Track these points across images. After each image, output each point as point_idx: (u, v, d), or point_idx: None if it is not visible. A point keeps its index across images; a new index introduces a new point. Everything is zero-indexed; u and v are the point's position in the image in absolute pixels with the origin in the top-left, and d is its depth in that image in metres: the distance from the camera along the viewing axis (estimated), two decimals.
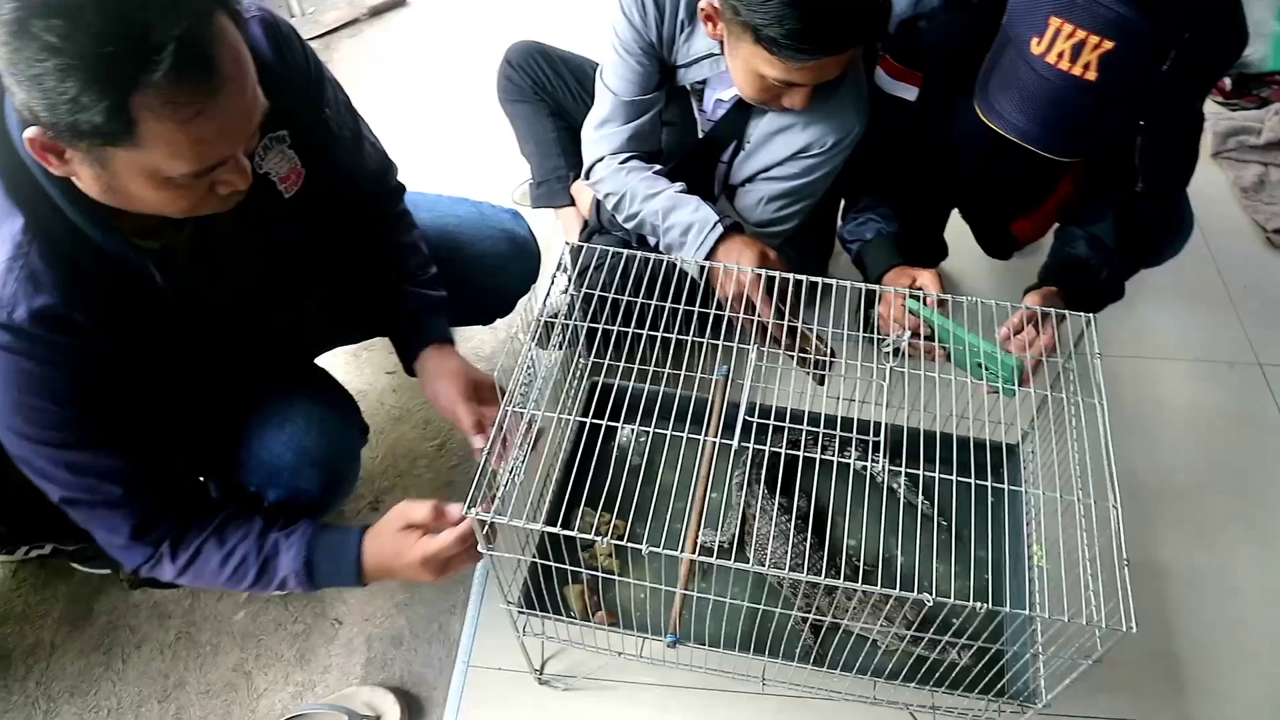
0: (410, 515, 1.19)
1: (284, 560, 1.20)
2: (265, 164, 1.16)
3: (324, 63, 1.27)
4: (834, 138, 1.57)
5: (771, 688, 1.34)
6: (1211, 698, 1.49)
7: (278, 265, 1.28)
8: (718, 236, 1.59)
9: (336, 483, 1.37)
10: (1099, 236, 1.54)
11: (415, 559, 1.16)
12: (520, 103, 2.04)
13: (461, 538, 1.15)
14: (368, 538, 1.22)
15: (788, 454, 1.26)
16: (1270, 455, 1.82)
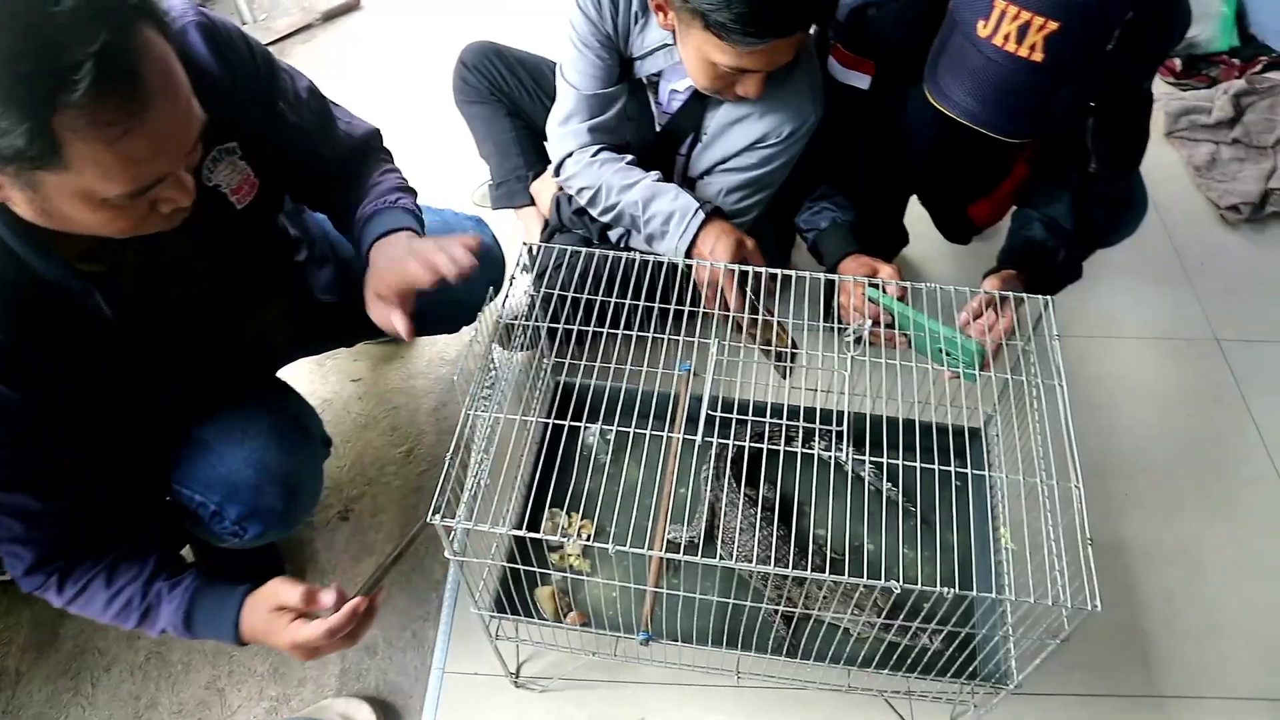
0: (281, 597, 1.14)
1: (165, 611, 1.17)
2: (215, 176, 1.13)
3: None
4: (790, 127, 1.57)
5: (747, 680, 1.34)
6: (1180, 671, 1.52)
7: (234, 278, 1.25)
8: (700, 223, 1.59)
9: (299, 498, 1.35)
10: (1055, 218, 1.56)
11: (283, 644, 1.13)
12: (477, 104, 2.03)
13: (330, 631, 1.11)
14: (246, 606, 1.18)
15: (754, 447, 1.26)
16: (1229, 429, 1.85)
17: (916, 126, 1.57)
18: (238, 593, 1.18)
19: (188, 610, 1.17)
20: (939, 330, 1.29)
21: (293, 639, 1.12)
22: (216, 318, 1.26)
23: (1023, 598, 1.06)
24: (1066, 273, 1.60)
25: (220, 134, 1.10)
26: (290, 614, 1.13)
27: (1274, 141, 2.34)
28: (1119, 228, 1.71)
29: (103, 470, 1.17)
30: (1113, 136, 1.50)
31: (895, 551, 1.41)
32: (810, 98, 1.57)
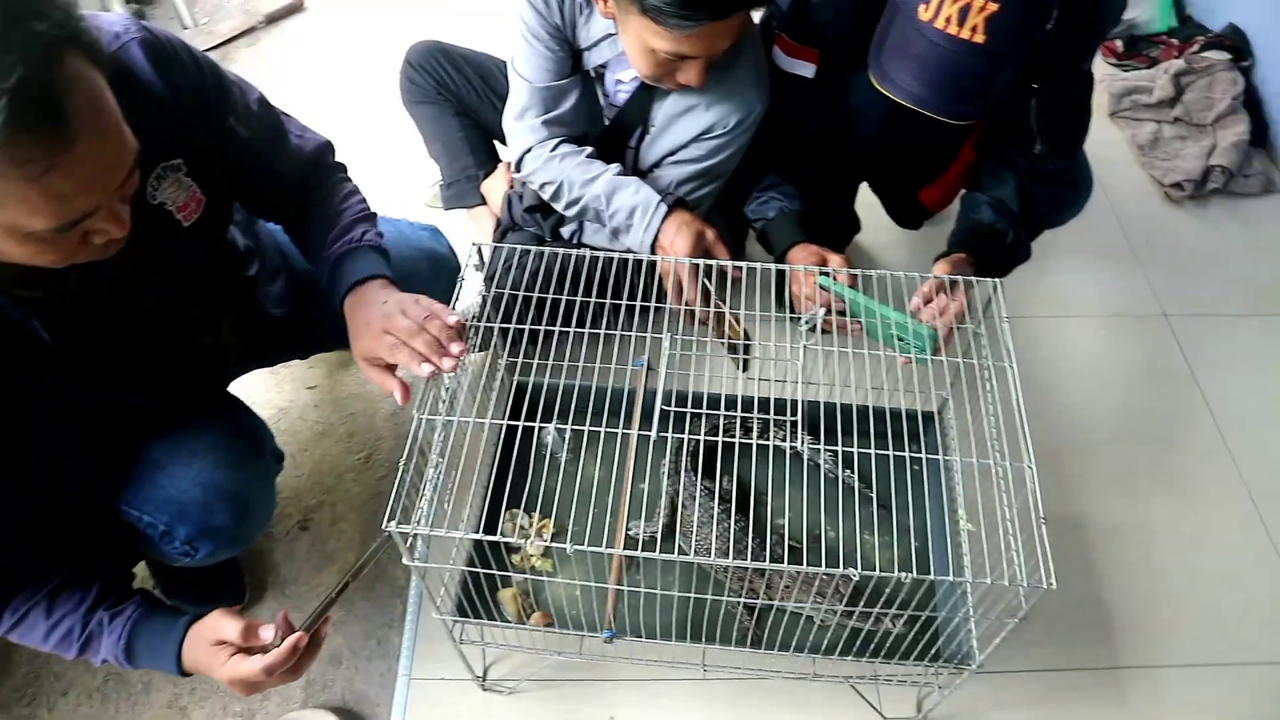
0: (221, 631, 1.12)
1: (105, 643, 1.15)
2: (160, 194, 1.09)
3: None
4: (737, 117, 1.57)
5: (713, 673, 1.35)
6: (1136, 642, 1.54)
7: (182, 297, 1.23)
8: (663, 216, 1.59)
9: (250, 515, 1.33)
10: (1003, 200, 1.57)
11: (223, 679, 1.11)
12: (424, 104, 2.01)
13: (268, 668, 1.08)
14: (188, 638, 1.15)
15: (711, 440, 1.26)
16: (1179, 403, 1.89)
17: (863, 113, 1.58)
18: (180, 624, 1.16)
19: (128, 642, 1.15)
20: (891, 316, 1.30)
21: (231, 674, 1.10)
22: (165, 337, 1.24)
23: (980, 579, 1.07)
24: (1015, 254, 1.62)
25: (165, 151, 1.07)
26: (230, 648, 1.11)
27: (1213, 119, 2.38)
28: (1065, 207, 1.73)
29: (46, 495, 1.14)
30: (1055, 117, 1.52)
31: (855, 537, 1.41)
32: (756, 87, 1.58)
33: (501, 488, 1.39)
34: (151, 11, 2.93)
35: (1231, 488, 1.75)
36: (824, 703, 1.44)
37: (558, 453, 1.48)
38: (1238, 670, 1.52)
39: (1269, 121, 2.41)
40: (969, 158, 1.71)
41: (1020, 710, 1.46)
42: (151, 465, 1.27)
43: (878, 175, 1.87)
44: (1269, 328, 2.03)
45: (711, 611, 1.28)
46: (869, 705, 1.42)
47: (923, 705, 1.41)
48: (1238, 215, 2.28)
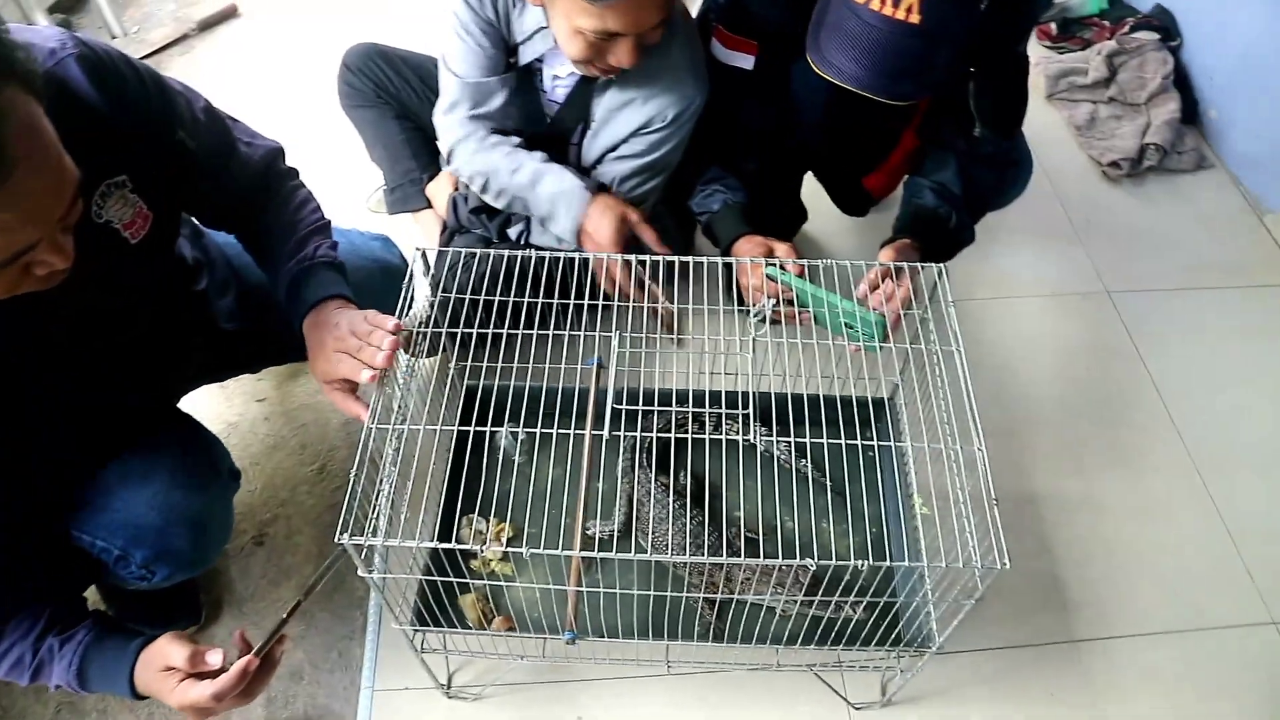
0: (168, 657, 1.10)
1: (57, 669, 1.13)
2: (105, 212, 1.06)
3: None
4: (675, 109, 1.57)
5: (678, 668, 1.35)
6: (1091, 614, 1.57)
7: (131, 316, 1.20)
8: (586, 202, 1.59)
9: (208, 536, 1.31)
10: (945, 184, 1.59)
11: (173, 705, 1.10)
12: (364, 108, 1.99)
13: (217, 695, 1.07)
14: (139, 663, 1.13)
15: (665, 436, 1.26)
16: (1124, 377, 1.92)
17: (804, 102, 1.58)
18: (131, 648, 1.14)
19: (80, 667, 1.13)
20: (839, 304, 1.30)
21: (180, 701, 1.08)
22: (115, 355, 1.21)
23: (936, 562, 1.08)
24: (960, 237, 1.64)
25: (108, 168, 1.05)
26: (179, 673, 1.09)
27: (1146, 98, 2.43)
28: (1007, 189, 1.75)
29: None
30: (994, 99, 1.54)
31: (813, 526, 1.43)
32: (693, 80, 1.58)
33: (457, 493, 1.38)
34: (79, 21, 2.85)
35: (1177, 458, 1.79)
36: (789, 692, 1.45)
37: (512, 455, 1.47)
38: (1189, 636, 1.55)
39: (1198, 99, 2.46)
40: (911, 144, 1.73)
41: (982, 688, 1.48)
42: (103, 488, 1.24)
43: (822, 163, 1.88)
44: (1207, 300, 2.08)
45: (673, 608, 1.28)
46: (834, 692, 1.43)
47: (887, 689, 1.43)
48: (1173, 191, 2.33)
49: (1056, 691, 1.48)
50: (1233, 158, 2.37)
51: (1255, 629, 1.57)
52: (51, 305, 1.05)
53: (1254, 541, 1.67)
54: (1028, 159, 1.77)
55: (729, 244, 1.62)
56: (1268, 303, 2.08)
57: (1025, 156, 1.76)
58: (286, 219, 1.32)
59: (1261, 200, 2.27)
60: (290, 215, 1.33)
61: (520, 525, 1.43)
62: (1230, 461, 1.78)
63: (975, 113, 1.53)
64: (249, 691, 1.11)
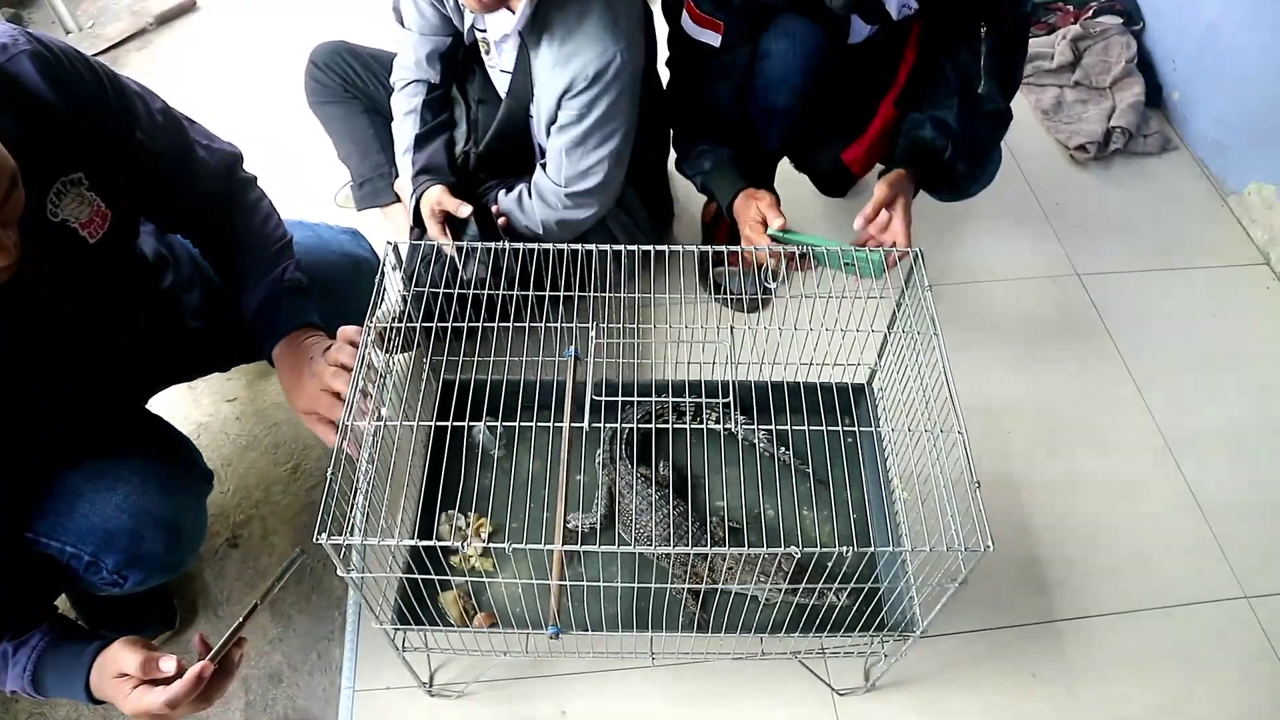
0: (120, 663, 1.08)
1: (10, 675, 1.11)
2: (61, 211, 1.04)
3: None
4: (595, 67, 1.53)
5: (662, 660, 1.34)
6: (1072, 593, 1.59)
7: (93, 316, 1.17)
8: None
9: (181, 539, 1.28)
10: (943, 119, 1.61)
11: (127, 711, 1.07)
12: (332, 104, 1.96)
13: (171, 701, 1.04)
14: (94, 669, 1.11)
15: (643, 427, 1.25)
16: (1096, 359, 1.94)
17: (777, 79, 1.58)
18: (86, 654, 1.11)
19: (35, 673, 1.11)
20: (836, 247, 1.34)
21: (134, 708, 1.06)
22: (77, 356, 1.18)
23: (919, 546, 1.08)
24: (951, 171, 1.65)
25: (63, 166, 1.02)
26: (133, 680, 1.07)
27: (1111, 82, 2.45)
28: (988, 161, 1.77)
29: None
30: (1001, 57, 1.56)
31: (795, 514, 1.42)
32: (610, 34, 1.52)
33: (435, 490, 1.37)
34: (30, 16, 2.79)
35: (1149, 437, 1.81)
36: (774, 680, 1.45)
37: (490, 450, 1.46)
38: (1165, 612, 1.57)
39: (1161, 82, 2.49)
40: (889, 115, 1.73)
41: (965, 671, 1.49)
42: (69, 493, 1.21)
43: (798, 146, 1.88)
44: (1175, 281, 2.10)
45: (656, 599, 1.28)
46: (818, 679, 1.43)
47: (870, 674, 1.43)
48: (1139, 174, 2.36)
49: (1038, 672, 1.50)
50: (1196, 140, 2.39)
51: (1228, 604, 1.59)
52: (10, 306, 1.03)
53: (1225, 518, 1.69)
54: (997, 153, 1.78)
55: (730, 201, 1.63)
56: (1234, 283, 2.11)
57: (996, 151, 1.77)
58: (253, 234, 1.32)
59: (1225, 182, 2.30)
60: (257, 229, 1.32)
61: (500, 521, 1.42)
62: (1201, 440, 1.80)
63: (985, 70, 1.55)
64: (205, 697, 1.08)
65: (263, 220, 1.34)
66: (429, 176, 1.73)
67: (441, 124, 1.79)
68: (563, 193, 1.67)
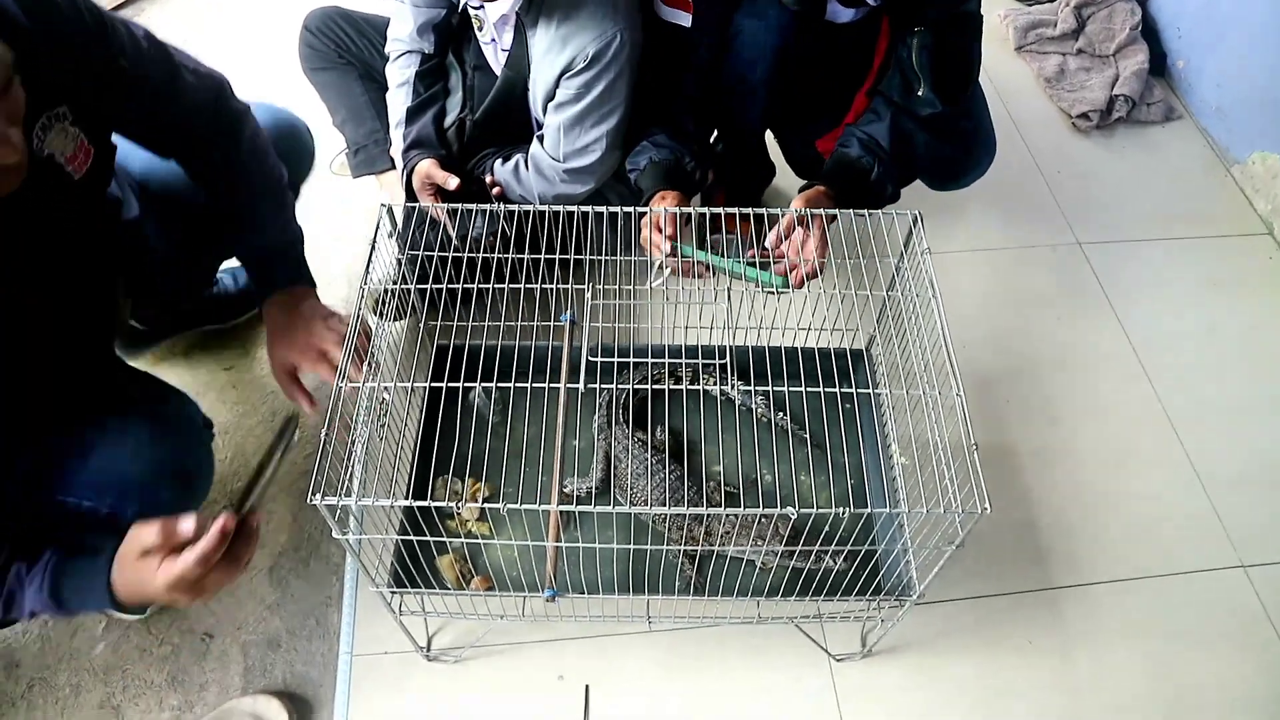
0: (141, 539, 1.05)
1: (28, 594, 1.09)
2: (48, 145, 1.04)
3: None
4: (594, 47, 1.53)
5: (659, 624, 1.35)
6: (1069, 561, 1.59)
7: (80, 256, 1.17)
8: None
9: (194, 486, 1.29)
10: (874, 136, 1.54)
11: (159, 588, 1.04)
12: (326, 70, 1.94)
13: (202, 558, 1.02)
14: (115, 565, 1.10)
15: (640, 389, 1.25)
16: (1097, 328, 1.93)
17: (749, 59, 1.56)
18: (103, 556, 1.09)
19: (53, 586, 1.08)
20: (741, 271, 1.32)
21: (166, 579, 1.03)
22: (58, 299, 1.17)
23: (916, 508, 1.07)
24: (880, 191, 1.57)
25: (47, 98, 1.02)
26: (157, 555, 1.04)
27: (1114, 50, 2.43)
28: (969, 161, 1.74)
29: None
30: (936, 58, 1.50)
31: (792, 479, 1.42)
32: (610, 15, 1.53)
33: (430, 454, 1.36)
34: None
35: (1149, 406, 1.80)
36: (771, 646, 1.45)
37: (486, 414, 1.46)
38: (1161, 581, 1.57)
39: (1166, 50, 2.46)
40: (862, 106, 1.70)
41: (961, 637, 1.49)
42: (81, 450, 1.21)
43: (778, 126, 1.86)
44: (1176, 250, 2.09)
45: (653, 563, 1.28)
46: (815, 644, 1.43)
47: (867, 640, 1.43)
48: (1142, 142, 2.34)
49: (1034, 639, 1.50)
50: (1201, 109, 2.37)
51: (1224, 572, 1.59)
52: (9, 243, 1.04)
53: (1223, 487, 1.69)
54: (989, 138, 1.74)
55: (645, 201, 1.59)
56: (1235, 252, 2.10)
57: (986, 135, 1.74)
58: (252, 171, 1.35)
59: (1229, 151, 2.28)
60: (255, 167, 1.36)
61: (496, 485, 1.42)
62: (1200, 409, 1.80)
63: (918, 71, 1.50)
64: (234, 559, 1.07)
65: (260, 157, 1.36)
66: (419, 150, 1.74)
67: (433, 96, 1.78)
68: (560, 168, 1.67)
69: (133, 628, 1.51)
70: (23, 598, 1.09)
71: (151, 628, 1.52)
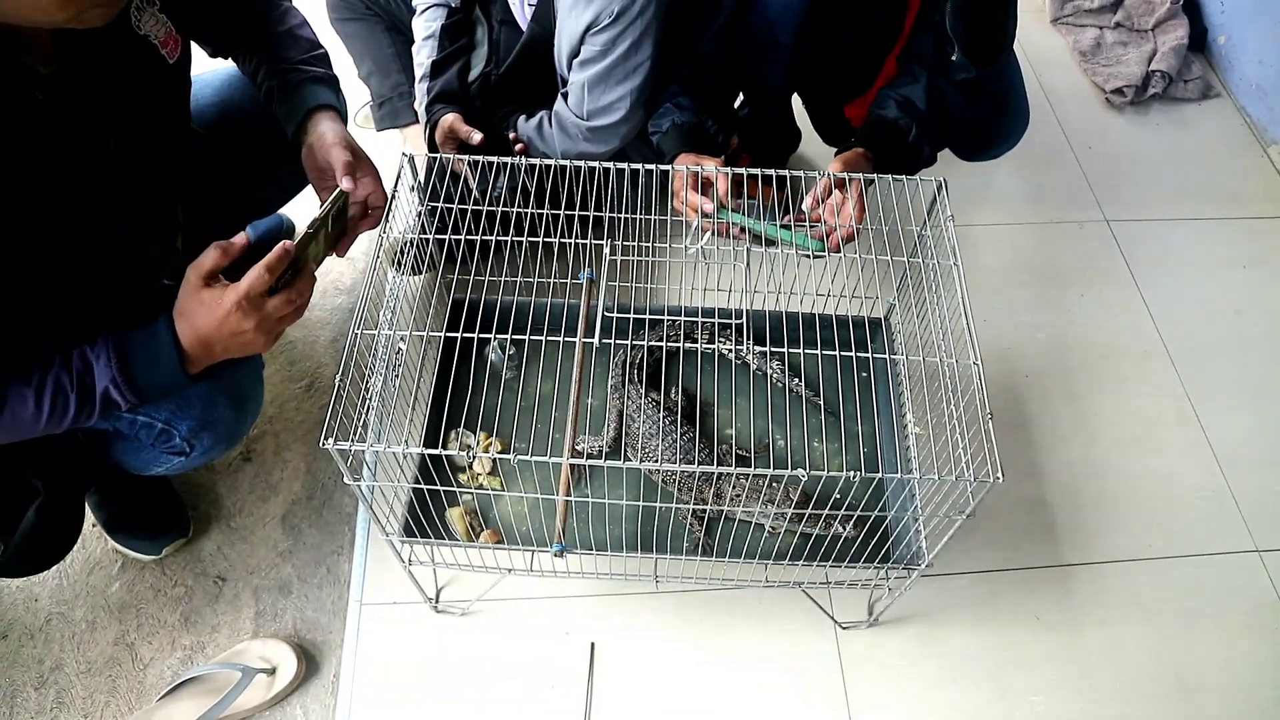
0: (199, 267, 1.05)
1: (98, 370, 1.06)
2: (143, 26, 1.08)
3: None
4: (620, 4, 1.51)
5: (666, 585, 1.35)
6: (1080, 539, 1.58)
7: (162, 154, 1.19)
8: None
9: (246, 406, 1.29)
10: (910, 98, 1.52)
11: (227, 309, 1.04)
12: (353, 20, 1.93)
13: (267, 267, 1.04)
14: (175, 319, 1.08)
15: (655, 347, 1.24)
16: (1120, 305, 1.91)
17: (778, 19, 1.53)
18: (159, 321, 1.08)
19: (119, 359, 1.06)
20: (776, 234, 1.30)
21: (235, 298, 1.04)
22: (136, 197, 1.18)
23: (929, 475, 1.07)
24: (916, 153, 1.56)
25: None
26: (220, 282, 1.05)
27: (1153, 24, 2.38)
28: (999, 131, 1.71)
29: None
30: (970, 21, 1.47)
31: (805, 445, 1.42)
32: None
33: (443, 407, 1.37)
34: None
35: (1169, 386, 1.78)
36: (777, 610, 1.46)
37: (500, 369, 1.46)
38: (1175, 561, 1.56)
39: (1208, 25, 2.41)
40: (893, 71, 1.67)
41: (968, 610, 1.49)
42: None
43: (805, 90, 1.83)
44: (1205, 230, 2.06)
45: (662, 523, 1.28)
46: (822, 611, 1.44)
47: (874, 609, 1.43)
48: (1177, 120, 2.30)
49: (1042, 614, 1.49)
50: (1240, 87, 2.32)
51: (1239, 556, 1.58)
52: (103, 118, 1.06)
53: (1241, 470, 1.67)
54: (1022, 109, 1.71)
55: (669, 162, 1.57)
56: (1266, 234, 2.06)
57: (1018, 105, 1.70)
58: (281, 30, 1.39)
59: (1266, 130, 2.24)
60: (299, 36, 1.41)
61: (509, 440, 1.42)
62: (1221, 390, 1.78)
63: (951, 34, 1.47)
64: (299, 291, 1.10)
65: (284, 15, 1.40)
66: (443, 104, 1.73)
67: (459, 49, 1.77)
68: (584, 125, 1.65)
69: (148, 568, 1.54)
70: (94, 378, 1.06)
71: (166, 568, 1.54)
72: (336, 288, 1.91)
